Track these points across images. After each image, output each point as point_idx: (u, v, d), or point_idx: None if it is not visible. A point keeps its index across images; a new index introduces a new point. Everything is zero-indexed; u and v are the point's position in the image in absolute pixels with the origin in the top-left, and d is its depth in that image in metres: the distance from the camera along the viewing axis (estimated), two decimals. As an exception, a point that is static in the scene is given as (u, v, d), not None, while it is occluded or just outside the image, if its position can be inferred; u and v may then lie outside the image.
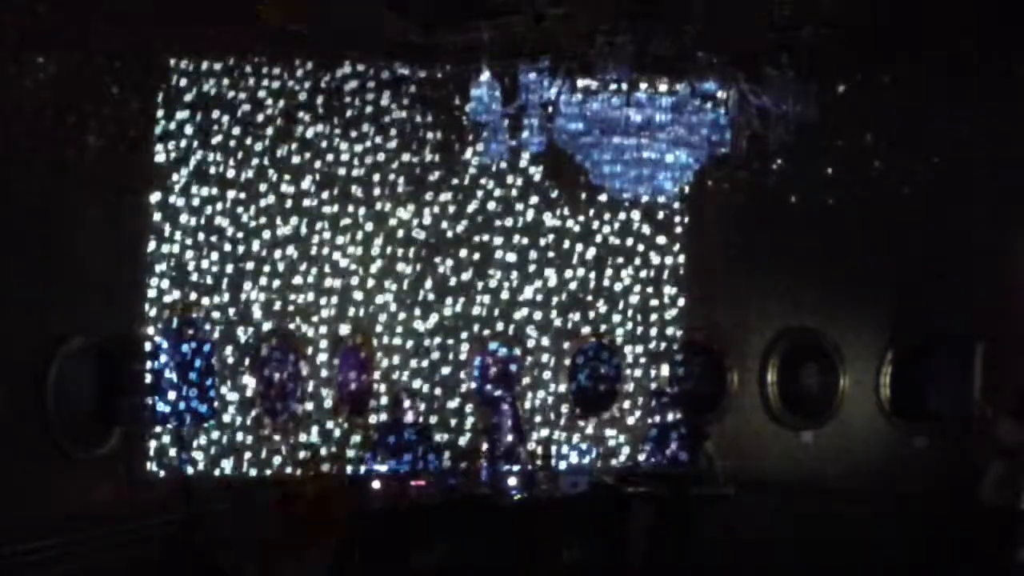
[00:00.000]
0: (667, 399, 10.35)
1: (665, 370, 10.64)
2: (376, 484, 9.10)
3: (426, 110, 10.18)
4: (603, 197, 9.87)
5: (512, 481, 9.45)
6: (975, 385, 9.41)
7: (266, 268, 9.57)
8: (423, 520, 8.90)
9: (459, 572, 8.87)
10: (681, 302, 10.62)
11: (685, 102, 6.27)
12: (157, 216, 8.69)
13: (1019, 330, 9.20)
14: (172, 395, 8.03)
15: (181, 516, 8.26)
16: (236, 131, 9.30)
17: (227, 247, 9.30)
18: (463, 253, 10.40)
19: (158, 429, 8.36)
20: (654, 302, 10.64)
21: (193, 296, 9.01)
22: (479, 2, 8.39)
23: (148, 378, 8.08)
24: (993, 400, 9.07)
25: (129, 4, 8.04)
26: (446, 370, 10.38)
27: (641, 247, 10.64)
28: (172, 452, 8.44)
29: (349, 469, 9.63)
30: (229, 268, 9.29)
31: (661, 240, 10.63)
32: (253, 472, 9.41)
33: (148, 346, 8.27)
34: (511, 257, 10.50)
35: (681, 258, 10.61)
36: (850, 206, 9.69)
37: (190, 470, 8.48)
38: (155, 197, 8.71)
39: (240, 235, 9.38)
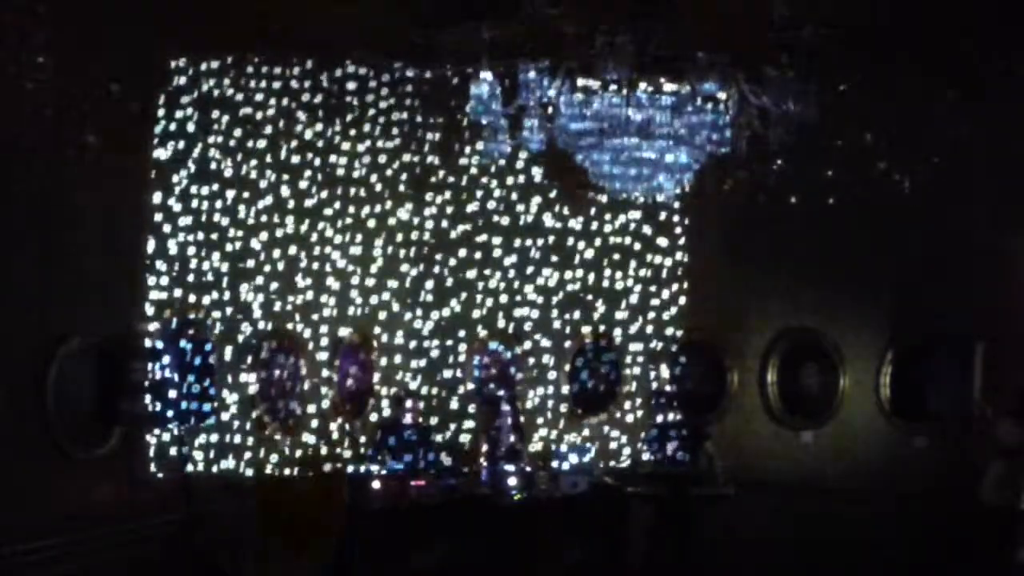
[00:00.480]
0: (667, 399, 10.35)
1: (665, 370, 10.64)
2: (376, 484, 9.09)
3: (426, 110, 10.18)
4: (603, 197, 9.87)
5: (512, 481, 9.45)
6: (975, 385, 9.42)
7: (266, 268, 9.56)
8: (423, 520, 8.90)
9: (459, 572, 8.87)
10: (681, 302, 10.63)
11: (685, 102, 6.27)
12: (157, 216, 8.69)
13: (1019, 330, 9.20)
14: (172, 395, 8.02)
15: (181, 516, 8.26)
16: (236, 131, 9.30)
17: (227, 247, 9.29)
18: (463, 253, 10.40)
19: (158, 429, 8.35)
20: (654, 302, 10.65)
21: (193, 296, 9.00)
22: (479, 2, 8.39)
23: (148, 378, 8.06)
24: (993, 400, 9.07)
25: (130, 5, 8.07)
26: (446, 370, 10.38)
27: (640, 247, 10.64)
28: (172, 452, 8.43)
29: (349, 469, 9.62)
30: (229, 268, 9.28)
31: (661, 240, 10.63)
32: (252, 472, 9.40)
33: (148, 346, 8.26)
34: (511, 257, 10.50)
35: (681, 258, 10.62)
36: (850, 206, 9.70)
37: (190, 470, 8.47)
38: (155, 197, 8.70)
39: (240, 235, 9.37)
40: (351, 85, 9.94)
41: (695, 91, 6.24)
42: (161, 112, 8.65)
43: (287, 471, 9.60)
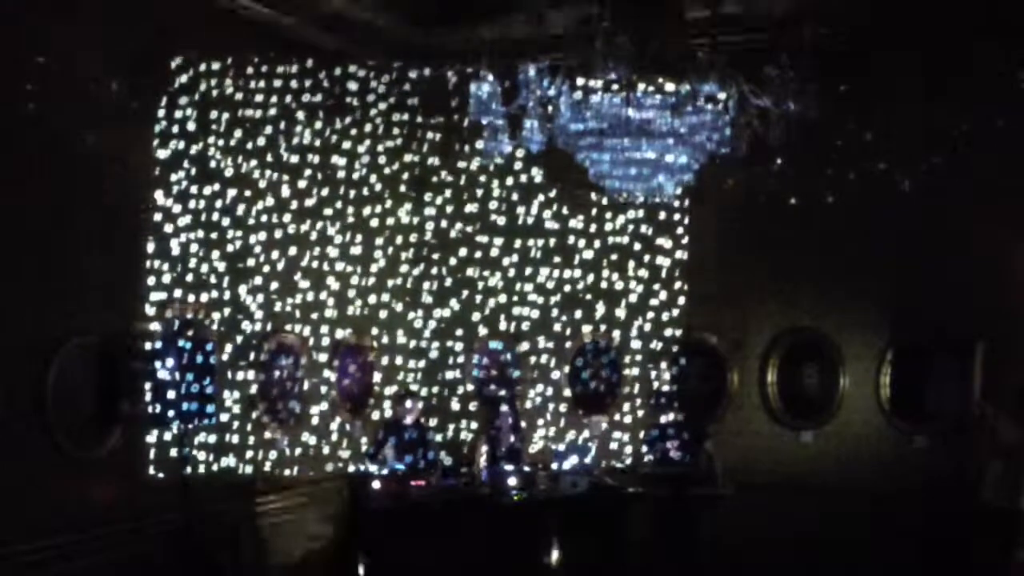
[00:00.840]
0: (667, 399, 10.35)
1: (665, 370, 10.64)
2: (376, 484, 9.10)
3: (426, 110, 10.18)
4: (604, 198, 9.86)
5: (512, 481, 9.45)
6: (975, 385, 9.42)
7: (266, 268, 9.55)
8: (423, 520, 8.91)
9: (459, 572, 8.87)
10: (681, 302, 10.62)
11: (685, 102, 6.27)
12: (157, 216, 8.68)
13: (1019, 330, 9.20)
14: (172, 395, 8.02)
15: (181, 516, 8.26)
16: (236, 131, 9.30)
17: (227, 247, 9.29)
18: (463, 253, 10.40)
19: (158, 429, 8.34)
20: (654, 302, 10.64)
21: (193, 296, 9.00)
22: (479, 2, 8.40)
23: (148, 378, 8.07)
24: (993, 400, 9.07)
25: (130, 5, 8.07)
26: (446, 370, 10.38)
27: (640, 247, 10.64)
28: (172, 452, 8.43)
29: (350, 469, 9.63)
30: (229, 268, 9.28)
31: (661, 240, 10.62)
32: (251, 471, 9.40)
33: (148, 346, 8.26)
34: (511, 257, 10.50)
35: (681, 257, 10.61)
36: (850, 206, 9.69)
37: (190, 470, 8.47)
38: (155, 197, 8.70)
39: (240, 235, 9.37)
40: (351, 85, 9.94)
41: (695, 91, 6.24)
42: (161, 112, 8.65)
43: (287, 471, 9.62)
